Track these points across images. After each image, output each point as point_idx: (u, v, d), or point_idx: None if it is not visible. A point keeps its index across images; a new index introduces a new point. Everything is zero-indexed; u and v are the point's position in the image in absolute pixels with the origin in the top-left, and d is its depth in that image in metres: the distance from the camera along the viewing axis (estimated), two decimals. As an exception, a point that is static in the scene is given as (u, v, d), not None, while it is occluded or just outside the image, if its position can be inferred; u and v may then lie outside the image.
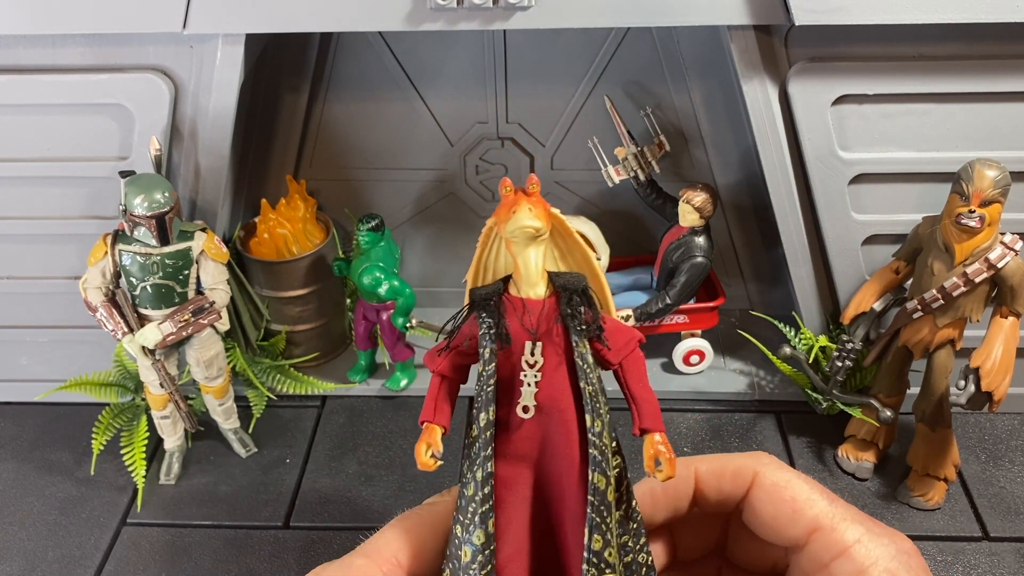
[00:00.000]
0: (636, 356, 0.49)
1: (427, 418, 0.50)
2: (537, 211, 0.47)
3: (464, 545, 0.45)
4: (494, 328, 0.47)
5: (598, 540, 0.45)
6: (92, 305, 1.05)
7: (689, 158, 1.31)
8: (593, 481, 0.45)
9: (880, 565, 0.45)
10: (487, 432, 0.47)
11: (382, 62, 1.26)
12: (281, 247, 1.24)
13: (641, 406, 0.48)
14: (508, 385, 0.48)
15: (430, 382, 0.51)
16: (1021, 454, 1.17)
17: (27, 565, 1.05)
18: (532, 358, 0.47)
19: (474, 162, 1.34)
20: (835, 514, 0.47)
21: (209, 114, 1.10)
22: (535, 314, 0.48)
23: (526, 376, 0.47)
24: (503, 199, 0.48)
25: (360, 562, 0.46)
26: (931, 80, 1.05)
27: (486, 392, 0.47)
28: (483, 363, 0.48)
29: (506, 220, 0.47)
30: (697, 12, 1.01)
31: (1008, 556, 1.04)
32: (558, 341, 0.47)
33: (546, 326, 0.48)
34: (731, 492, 0.50)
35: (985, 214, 0.96)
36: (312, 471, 1.17)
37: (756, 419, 1.23)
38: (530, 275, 0.48)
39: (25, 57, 1.08)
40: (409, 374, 1.28)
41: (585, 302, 0.48)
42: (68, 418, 1.25)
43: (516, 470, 0.48)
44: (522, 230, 0.47)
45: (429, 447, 0.49)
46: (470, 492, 0.46)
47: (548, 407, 0.47)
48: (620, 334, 0.49)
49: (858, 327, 1.12)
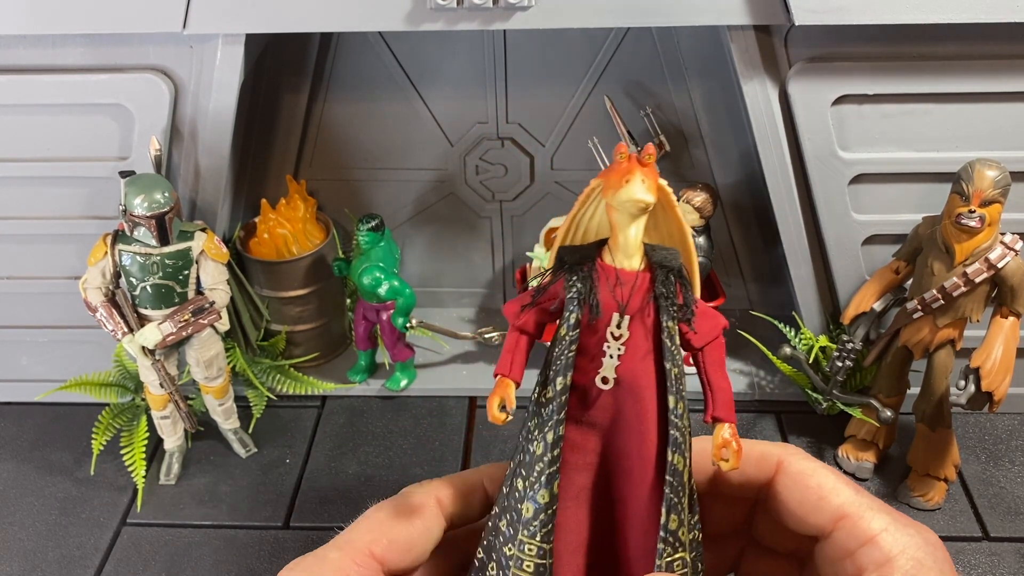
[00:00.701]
0: (719, 343, 0.49)
1: (503, 371, 0.48)
2: (649, 183, 0.45)
3: (527, 501, 0.45)
4: (585, 296, 0.46)
5: (675, 520, 0.45)
6: (92, 305, 1.05)
7: (689, 158, 1.31)
8: (673, 462, 0.45)
9: (908, 553, 0.45)
10: (562, 396, 0.46)
11: (382, 62, 1.26)
12: (281, 247, 1.24)
13: (717, 394, 0.48)
14: (590, 352, 0.47)
15: (508, 335, 0.49)
16: (1021, 454, 1.17)
17: (27, 565, 1.05)
18: (618, 330, 0.46)
19: (474, 162, 1.34)
20: (861, 503, 0.47)
21: (209, 114, 1.10)
22: (627, 287, 0.46)
23: (609, 348, 0.46)
24: (616, 164, 0.46)
25: (334, 555, 0.47)
26: (931, 80, 1.05)
27: (566, 357, 0.46)
28: (567, 327, 0.46)
29: (617, 188, 0.45)
30: (697, 12, 1.00)
31: (1008, 556, 1.04)
32: (647, 318, 0.47)
33: (637, 301, 0.46)
34: (753, 476, 0.50)
35: (985, 214, 0.96)
36: (312, 471, 1.17)
37: (756, 419, 1.23)
38: (628, 246, 0.46)
39: (25, 57, 1.08)
40: (409, 374, 1.28)
41: (680, 282, 0.47)
42: (68, 418, 1.25)
43: (585, 436, 0.47)
44: (634, 203, 0.45)
45: (502, 400, 0.47)
46: (539, 451, 0.46)
47: (628, 381, 0.47)
48: (707, 319, 0.48)
49: (858, 327, 1.12)
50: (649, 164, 0.46)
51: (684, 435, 0.46)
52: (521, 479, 0.46)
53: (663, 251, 0.48)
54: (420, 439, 1.21)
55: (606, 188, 0.46)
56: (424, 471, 1.16)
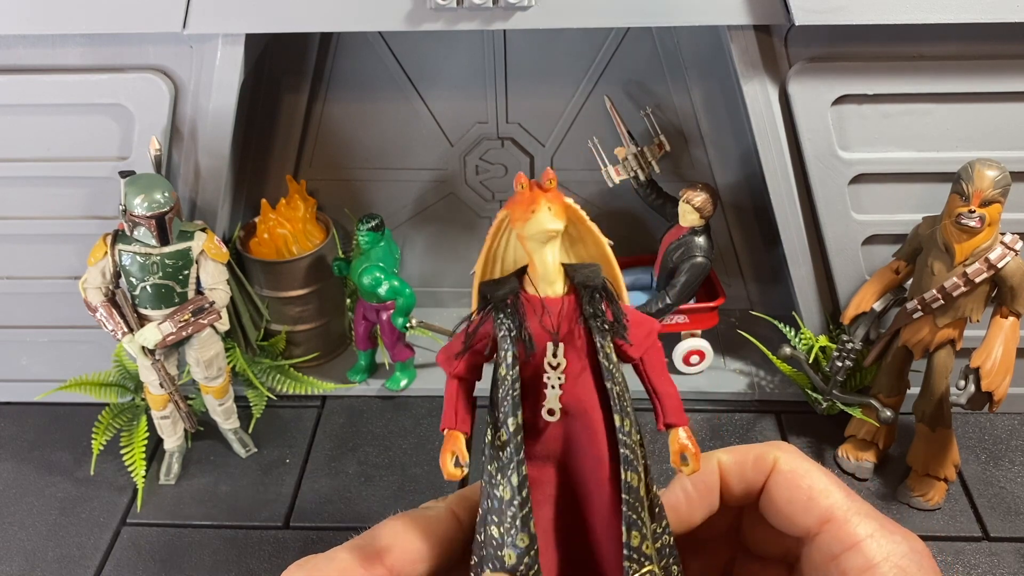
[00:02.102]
0: (655, 348, 0.48)
1: (449, 425, 0.47)
2: (556, 209, 0.45)
3: (507, 548, 0.45)
4: (515, 332, 0.46)
5: (636, 536, 0.45)
6: (92, 305, 1.05)
7: (689, 158, 1.31)
8: (627, 480, 0.45)
9: (891, 561, 0.44)
10: (517, 437, 0.45)
11: (382, 62, 1.26)
12: (281, 247, 1.24)
13: (664, 401, 0.47)
14: (530, 387, 0.46)
15: (447, 385, 0.49)
16: (1021, 454, 1.17)
17: (27, 565, 1.05)
18: (555, 360, 0.46)
19: (474, 162, 1.34)
20: (849, 507, 0.46)
21: (209, 114, 1.10)
22: (555, 314, 0.46)
23: (549, 378, 0.46)
24: (518, 195, 0.46)
25: (343, 556, 0.46)
26: (931, 80, 1.05)
27: (512, 397, 0.45)
28: (506, 367, 0.46)
29: (523, 220, 0.45)
30: (697, 12, 1.00)
31: (1008, 556, 1.04)
32: (580, 341, 0.46)
33: (567, 326, 0.46)
34: (754, 479, 0.50)
35: (985, 214, 0.96)
36: (312, 471, 1.17)
37: (756, 419, 1.23)
38: (548, 273, 0.46)
39: (25, 57, 1.09)
40: (409, 374, 1.28)
41: (607, 298, 0.46)
42: (68, 418, 1.25)
43: (541, 470, 0.47)
44: (544, 233, 0.45)
45: (454, 454, 0.46)
46: (506, 496, 0.45)
47: (573, 408, 0.46)
48: (639, 327, 0.48)
49: (858, 327, 1.12)
50: (551, 189, 0.45)
51: (634, 452, 0.45)
52: (495, 526, 0.46)
53: (583, 270, 0.47)
54: (420, 439, 1.21)
55: (513, 220, 0.46)
56: (424, 471, 1.16)
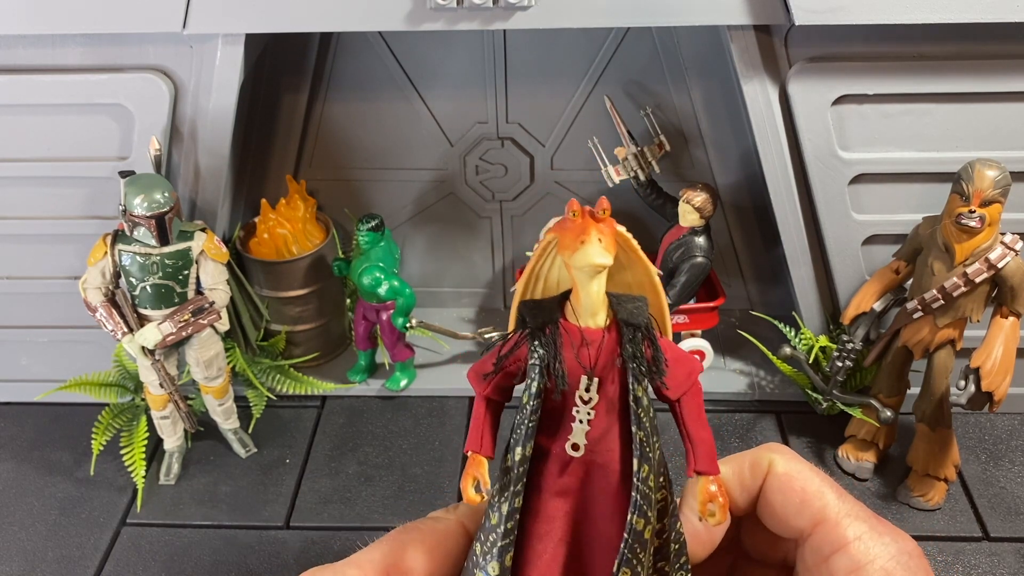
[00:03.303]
0: (695, 391, 0.46)
1: (474, 448, 0.45)
2: (607, 242, 0.43)
3: (478, 570, 0.44)
4: (548, 364, 0.44)
5: (626, 572, 0.43)
6: (92, 305, 1.05)
7: (689, 158, 1.31)
8: (632, 522, 0.43)
9: (877, 564, 0.44)
10: (520, 468, 0.44)
11: (382, 62, 1.26)
12: (281, 247, 1.24)
13: (698, 447, 0.45)
14: (557, 417, 0.45)
15: (475, 406, 0.47)
16: (1021, 454, 1.17)
17: (27, 565, 1.05)
18: (587, 394, 0.44)
19: (474, 162, 1.34)
20: (841, 509, 0.46)
21: (209, 114, 1.10)
22: (594, 347, 0.44)
23: (579, 412, 0.44)
24: (569, 222, 0.44)
25: (352, 572, 0.46)
26: (931, 80, 1.05)
27: (527, 426, 0.44)
28: (528, 395, 0.44)
29: (572, 249, 0.43)
30: (697, 12, 1.00)
31: (1008, 556, 1.04)
32: (614, 378, 0.44)
33: (605, 361, 0.44)
34: (752, 486, 0.49)
35: (985, 214, 0.96)
36: (312, 471, 1.17)
37: (756, 419, 1.23)
38: (592, 305, 0.44)
39: (25, 57, 1.09)
40: (409, 374, 1.28)
41: (648, 338, 0.44)
42: (68, 418, 1.25)
43: (557, 504, 0.45)
44: (592, 267, 0.43)
45: (475, 480, 0.45)
46: (493, 521, 0.44)
47: (597, 446, 0.45)
48: (680, 366, 0.46)
49: (858, 327, 1.12)
50: (604, 219, 0.43)
51: (647, 497, 0.44)
52: (479, 544, 0.45)
53: (629, 303, 0.45)
54: (420, 439, 1.21)
55: (562, 247, 0.44)
56: (424, 471, 1.16)
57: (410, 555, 0.46)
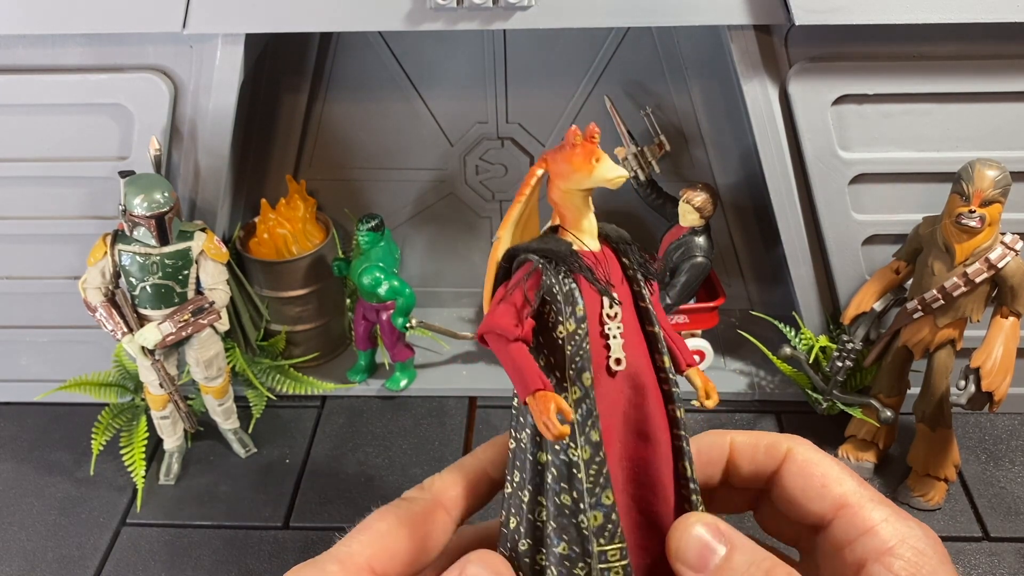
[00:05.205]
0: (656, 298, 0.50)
1: (538, 386, 0.44)
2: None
3: (592, 511, 0.45)
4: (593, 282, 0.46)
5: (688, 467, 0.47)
6: (92, 305, 1.05)
7: (689, 158, 1.31)
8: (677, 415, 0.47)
9: (909, 543, 0.45)
10: (592, 392, 0.45)
11: (382, 62, 1.26)
12: (281, 247, 1.24)
13: (680, 346, 0.49)
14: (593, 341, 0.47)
15: (514, 351, 0.45)
16: (1021, 454, 1.17)
17: (27, 565, 1.05)
18: (612, 310, 0.46)
19: (474, 162, 1.34)
20: (863, 494, 0.47)
21: (209, 114, 1.10)
22: (604, 266, 0.47)
23: (610, 329, 0.46)
24: (574, 148, 0.46)
25: (333, 568, 0.46)
26: (931, 80, 1.05)
27: (584, 351, 0.45)
28: (575, 321, 0.45)
29: (587, 171, 0.45)
30: (697, 12, 1.00)
31: (1008, 556, 1.04)
32: (624, 291, 0.48)
33: (615, 278, 0.47)
34: (763, 464, 0.50)
35: (985, 214, 0.96)
36: (312, 471, 1.17)
37: (756, 419, 1.23)
38: (592, 227, 0.47)
39: (25, 57, 1.08)
40: (409, 374, 1.28)
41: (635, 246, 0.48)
42: (68, 418, 1.25)
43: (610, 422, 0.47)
44: (610, 182, 0.45)
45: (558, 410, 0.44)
46: (587, 456, 0.45)
47: (629, 356, 0.47)
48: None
49: (858, 327, 1.12)
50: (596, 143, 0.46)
51: (677, 388, 0.48)
52: (566, 493, 0.45)
53: (608, 227, 0.49)
54: (420, 439, 1.21)
55: (570, 172, 0.46)
56: (424, 471, 1.16)
57: (391, 540, 0.46)
